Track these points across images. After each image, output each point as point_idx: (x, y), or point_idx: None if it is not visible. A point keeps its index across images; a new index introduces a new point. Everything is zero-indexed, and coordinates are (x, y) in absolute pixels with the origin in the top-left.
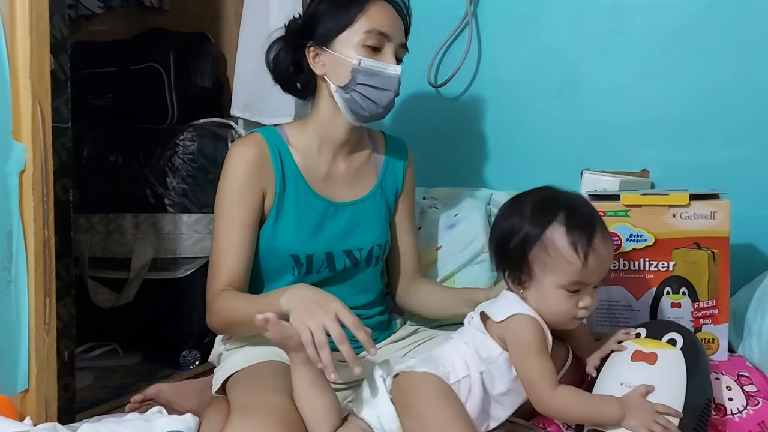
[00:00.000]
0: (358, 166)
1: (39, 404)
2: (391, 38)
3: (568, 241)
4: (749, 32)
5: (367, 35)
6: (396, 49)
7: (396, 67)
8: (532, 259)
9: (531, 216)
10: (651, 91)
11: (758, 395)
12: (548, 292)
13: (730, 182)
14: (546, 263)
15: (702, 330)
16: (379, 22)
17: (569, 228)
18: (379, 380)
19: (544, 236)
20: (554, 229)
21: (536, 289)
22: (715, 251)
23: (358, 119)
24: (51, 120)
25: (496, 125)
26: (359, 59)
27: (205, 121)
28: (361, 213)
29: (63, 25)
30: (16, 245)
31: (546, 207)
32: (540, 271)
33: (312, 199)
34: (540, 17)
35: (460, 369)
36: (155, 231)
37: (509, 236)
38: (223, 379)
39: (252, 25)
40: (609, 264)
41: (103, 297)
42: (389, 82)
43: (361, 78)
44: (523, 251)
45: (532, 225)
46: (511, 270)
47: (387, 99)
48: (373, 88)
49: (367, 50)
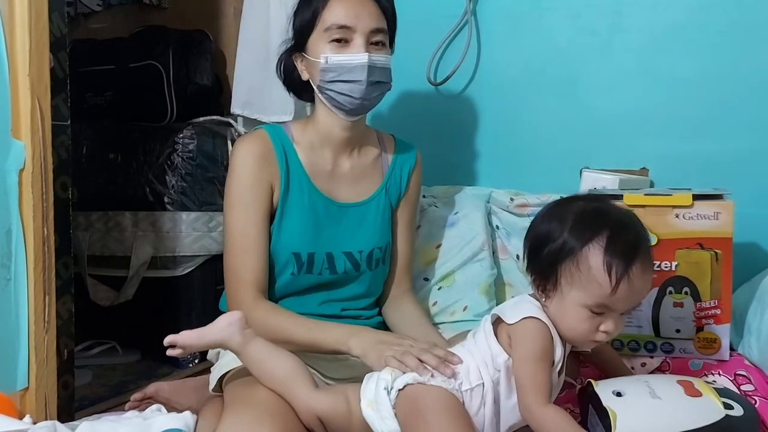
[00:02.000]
0: (363, 167)
1: (38, 402)
2: (356, 27)
3: (604, 263)
4: (748, 29)
5: (329, 32)
6: (367, 36)
7: (361, 56)
8: (562, 271)
9: (572, 226)
10: (650, 88)
11: (755, 394)
12: (570, 308)
13: (730, 180)
14: (575, 279)
15: (704, 330)
16: (338, 15)
17: (608, 250)
18: (383, 392)
19: (580, 251)
20: (593, 247)
21: (558, 301)
22: (718, 252)
23: (345, 114)
24: (50, 118)
25: (496, 123)
26: (325, 57)
27: (204, 119)
28: (363, 215)
29: (62, 22)
30: (16, 243)
31: (591, 221)
32: (567, 284)
33: (316, 197)
34: (539, 15)
35: (474, 377)
36: (154, 229)
37: (545, 241)
38: (218, 378)
39: (252, 22)
40: (643, 293)
41: (102, 295)
42: (357, 73)
43: (329, 75)
44: (555, 260)
45: (571, 236)
46: (538, 275)
47: (360, 90)
48: (344, 82)
49: (335, 46)
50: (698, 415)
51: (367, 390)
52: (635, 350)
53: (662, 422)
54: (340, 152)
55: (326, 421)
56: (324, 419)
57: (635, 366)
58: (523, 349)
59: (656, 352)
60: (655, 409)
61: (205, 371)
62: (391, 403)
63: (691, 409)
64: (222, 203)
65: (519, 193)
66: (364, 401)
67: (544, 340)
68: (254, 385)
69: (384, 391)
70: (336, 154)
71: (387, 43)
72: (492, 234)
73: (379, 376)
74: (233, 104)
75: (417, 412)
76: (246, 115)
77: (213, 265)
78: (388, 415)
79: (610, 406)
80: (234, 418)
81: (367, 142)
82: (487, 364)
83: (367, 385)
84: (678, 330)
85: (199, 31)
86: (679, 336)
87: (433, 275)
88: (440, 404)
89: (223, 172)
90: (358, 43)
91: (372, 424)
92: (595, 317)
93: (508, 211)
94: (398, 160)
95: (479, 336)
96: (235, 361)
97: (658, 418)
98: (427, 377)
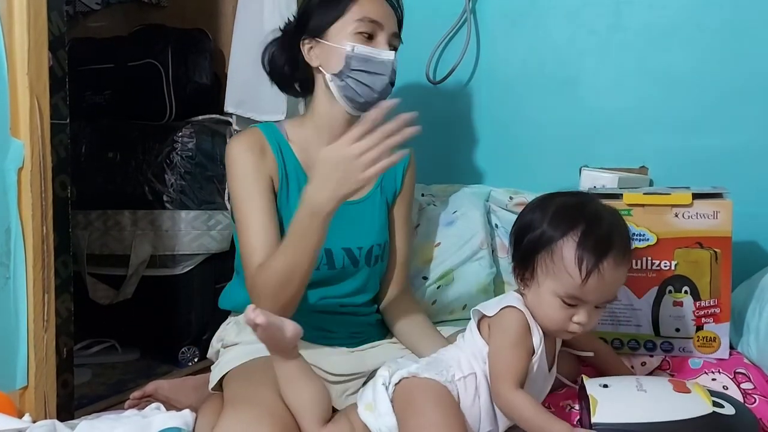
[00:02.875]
0: None
1: (38, 401)
2: (383, 26)
3: (575, 256)
4: (745, 27)
5: (359, 23)
6: (389, 38)
7: (389, 53)
8: (538, 261)
9: (551, 218)
10: (649, 87)
11: (755, 393)
12: (544, 296)
13: (729, 179)
14: (549, 269)
15: (703, 328)
16: (370, 10)
17: (581, 243)
18: (381, 388)
19: (555, 243)
20: (567, 239)
21: (534, 289)
22: (717, 251)
23: (354, 107)
24: (49, 117)
25: (495, 122)
26: (353, 46)
27: (203, 117)
28: (361, 213)
29: (61, 21)
30: (15, 242)
31: (568, 214)
32: (542, 274)
33: None
34: (538, 14)
35: (465, 367)
36: (153, 228)
37: (525, 231)
38: (219, 377)
39: (246, 21)
40: (615, 288)
41: (101, 294)
42: (383, 67)
43: (355, 64)
44: (533, 250)
45: (549, 227)
46: (518, 264)
47: (381, 84)
48: (367, 73)
49: (360, 37)
50: (682, 408)
51: (365, 395)
52: (635, 349)
53: (642, 411)
54: None
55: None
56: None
57: (635, 365)
58: (498, 337)
59: (656, 351)
60: (638, 399)
61: (204, 370)
62: (389, 398)
63: (675, 402)
64: (221, 202)
65: (518, 191)
66: (361, 406)
67: (520, 327)
68: (255, 383)
69: (382, 386)
70: None
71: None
72: (491, 233)
73: (377, 374)
74: (227, 103)
75: (410, 403)
76: (239, 113)
77: (212, 263)
78: (386, 411)
79: (593, 394)
80: (233, 416)
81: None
82: (476, 356)
83: (364, 391)
84: (677, 329)
85: (198, 29)
86: (679, 335)
87: (431, 274)
88: (432, 395)
89: (222, 170)
90: (383, 41)
91: (370, 425)
92: (568, 308)
93: (507, 210)
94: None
95: (467, 332)
96: (236, 359)
97: (639, 407)
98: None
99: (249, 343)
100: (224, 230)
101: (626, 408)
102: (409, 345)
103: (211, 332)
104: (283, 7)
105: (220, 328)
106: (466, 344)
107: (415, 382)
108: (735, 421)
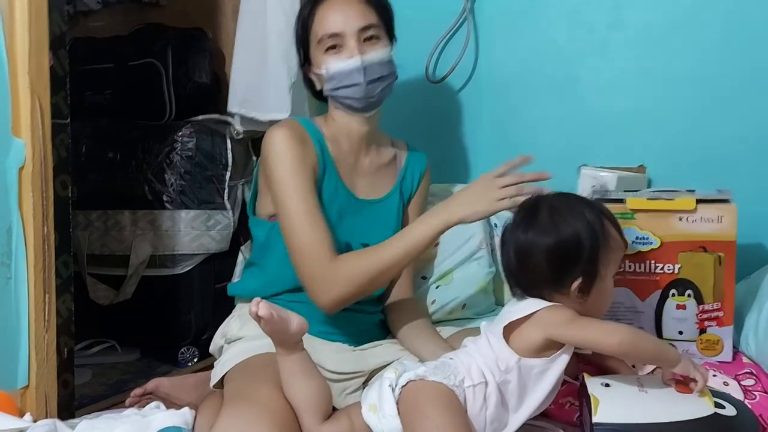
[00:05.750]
0: (380, 164)
1: (39, 400)
2: (344, 32)
3: (616, 230)
4: (746, 27)
5: (322, 43)
6: (357, 36)
7: (354, 59)
8: (600, 258)
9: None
10: (649, 86)
11: (755, 389)
12: (608, 287)
13: (727, 178)
14: (609, 257)
15: (707, 332)
16: (325, 24)
17: (612, 220)
18: (387, 390)
19: (603, 232)
20: (606, 223)
21: (598, 289)
22: (721, 255)
23: (360, 112)
24: (50, 116)
25: (494, 120)
26: (325, 68)
27: (203, 117)
28: (378, 212)
29: (61, 21)
30: (16, 241)
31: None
32: (604, 267)
33: (341, 189)
34: (538, 13)
35: (476, 375)
36: (153, 228)
37: (578, 241)
38: (221, 375)
39: (249, 21)
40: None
41: (101, 294)
42: (355, 76)
43: (332, 84)
44: (595, 253)
45: (591, 227)
46: (583, 277)
47: (360, 91)
48: (345, 87)
49: (331, 54)
50: (683, 409)
51: (369, 396)
52: None
53: (643, 411)
54: (360, 148)
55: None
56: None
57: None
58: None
59: None
60: (639, 399)
61: (204, 369)
62: (395, 400)
63: (677, 402)
64: (221, 202)
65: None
66: (365, 407)
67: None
68: (255, 382)
69: (389, 388)
70: (356, 150)
71: (382, 35)
72: (490, 232)
73: (384, 376)
74: (230, 102)
75: (416, 406)
76: (243, 113)
77: (212, 263)
78: (392, 413)
79: (594, 393)
80: (232, 414)
81: (382, 142)
82: (490, 367)
83: (368, 391)
84: (681, 332)
85: (197, 29)
86: (682, 338)
87: (431, 274)
88: (438, 398)
89: (221, 170)
90: (351, 46)
91: (373, 426)
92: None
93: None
94: (411, 162)
95: (481, 342)
96: (239, 356)
97: (640, 407)
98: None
99: (252, 339)
100: (224, 230)
101: (628, 408)
102: (411, 348)
103: (211, 332)
104: (286, 6)
105: (223, 324)
106: (480, 352)
107: (423, 385)
108: (736, 422)
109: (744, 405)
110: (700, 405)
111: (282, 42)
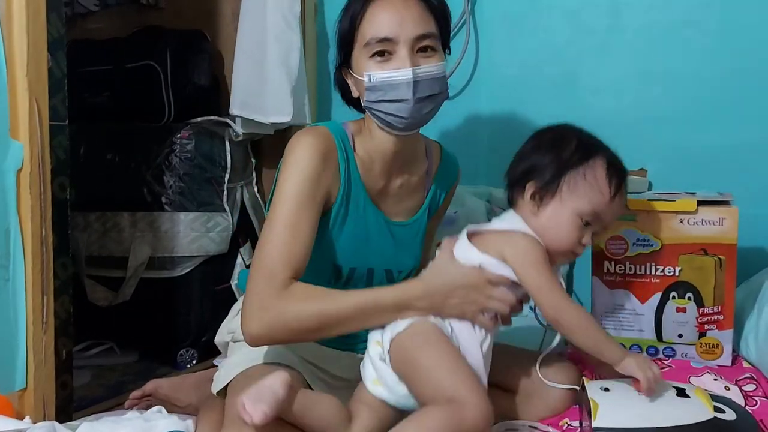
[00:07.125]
0: (411, 185)
1: (37, 403)
2: (398, 38)
3: (607, 175)
4: (745, 29)
5: (370, 47)
6: (411, 45)
7: (405, 71)
8: (566, 179)
9: (578, 144)
10: (648, 88)
11: (756, 394)
12: (565, 215)
13: (728, 179)
14: (578, 187)
15: (706, 335)
16: (377, 26)
17: (610, 165)
18: (380, 364)
19: (587, 162)
20: (598, 160)
21: (554, 209)
22: (721, 257)
23: (399, 131)
24: (48, 118)
25: (494, 122)
26: (369, 75)
27: (202, 119)
28: (406, 235)
29: (60, 23)
30: (14, 243)
31: (594, 143)
32: (567, 191)
33: (370, 210)
34: (537, 15)
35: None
36: (152, 229)
37: (550, 150)
38: (225, 383)
39: (249, 24)
40: (619, 213)
41: (100, 295)
42: (403, 91)
43: (375, 95)
44: (562, 168)
45: (578, 149)
46: (538, 183)
47: (407, 109)
48: (389, 102)
49: (377, 61)
50: (683, 414)
51: (367, 372)
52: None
53: (643, 416)
54: (392, 168)
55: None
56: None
57: None
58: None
59: (658, 357)
60: (638, 403)
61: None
62: (390, 368)
63: (676, 407)
64: (220, 204)
65: None
66: (369, 383)
67: (542, 252)
68: None
69: (381, 361)
70: (388, 170)
71: (438, 48)
72: None
73: (370, 355)
74: (231, 105)
75: (406, 359)
76: (244, 115)
77: (211, 265)
78: (394, 381)
79: (593, 398)
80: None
81: (416, 158)
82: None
83: (365, 369)
84: (680, 335)
85: (196, 31)
86: (682, 341)
87: None
88: (421, 339)
89: (220, 172)
90: (402, 56)
91: (385, 398)
92: (582, 228)
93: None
94: (440, 178)
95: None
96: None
97: (640, 411)
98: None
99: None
100: (223, 232)
101: (627, 413)
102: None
103: (210, 334)
104: (286, 9)
105: (229, 318)
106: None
107: (404, 337)
108: (736, 426)
109: (743, 409)
110: (699, 409)
111: (281, 44)
